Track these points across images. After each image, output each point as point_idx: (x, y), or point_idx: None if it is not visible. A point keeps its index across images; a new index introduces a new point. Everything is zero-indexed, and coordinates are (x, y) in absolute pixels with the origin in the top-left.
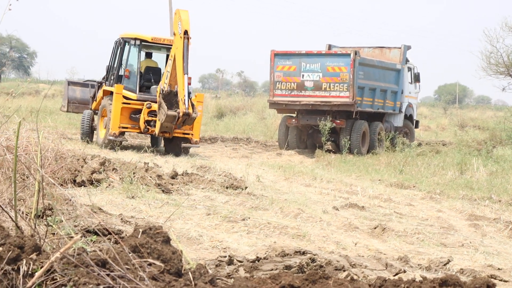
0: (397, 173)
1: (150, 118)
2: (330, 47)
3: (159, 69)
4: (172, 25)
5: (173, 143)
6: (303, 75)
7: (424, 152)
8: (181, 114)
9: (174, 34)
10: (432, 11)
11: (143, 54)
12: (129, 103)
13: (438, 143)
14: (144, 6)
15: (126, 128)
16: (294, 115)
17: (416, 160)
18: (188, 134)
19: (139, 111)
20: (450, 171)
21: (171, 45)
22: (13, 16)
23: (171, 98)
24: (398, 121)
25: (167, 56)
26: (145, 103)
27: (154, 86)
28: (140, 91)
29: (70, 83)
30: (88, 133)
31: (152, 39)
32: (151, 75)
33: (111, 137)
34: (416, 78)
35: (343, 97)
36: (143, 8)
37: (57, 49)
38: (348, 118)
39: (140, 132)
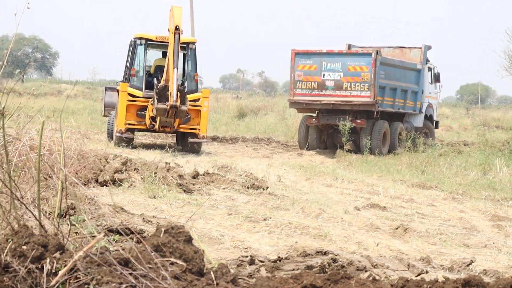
0: (419, 173)
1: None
2: (350, 46)
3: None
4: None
5: (184, 139)
6: (323, 75)
7: (446, 152)
8: (168, 107)
9: (168, 30)
10: (455, 10)
11: (159, 53)
12: (135, 101)
13: (460, 143)
14: (166, 6)
15: (133, 124)
16: (314, 114)
17: (438, 161)
18: (195, 129)
19: (145, 108)
20: (473, 171)
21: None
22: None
23: (165, 93)
24: (418, 121)
25: (165, 53)
26: (150, 100)
27: None
28: (147, 88)
29: (108, 88)
30: (112, 133)
31: (156, 38)
32: (157, 74)
33: (118, 134)
34: (436, 78)
35: (364, 96)
36: (165, 9)
37: (79, 50)
38: (368, 118)
39: (146, 129)
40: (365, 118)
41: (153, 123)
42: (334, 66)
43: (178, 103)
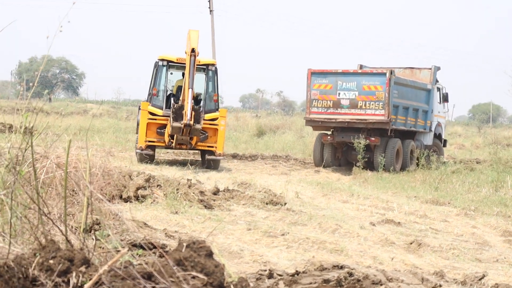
0: (433, 190)
1: None
2: (361, 67)
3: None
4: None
5: (202, 156)
6: (339, 93)
7: (459, 170)
8: (182, 125)
9: (185, 52)
10: (466, 32)
11: (180, 74)
12: (155, 119)
13: (472, 161)
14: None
15: (153, 142)
16: (329, 132)
17: (451, 178)
18: (212, 147)
19: (165, 126)
20: (485, 188)
21: (197, 65)
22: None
23: (181, 112)
24: (428, 139)
25: (184, 74)
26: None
27: None
28: (167, 107)
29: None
30: None
31: (177, 60)
32: (179, 94)
33: (138, 151)
34: (445, 98)
35: (379, 115)
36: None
37: (104, 70)
38: (382, 136)
39: (166, 146)
40: (379, 136)
41: (171, 140)
42: (350, 85)
43: (191, 122)
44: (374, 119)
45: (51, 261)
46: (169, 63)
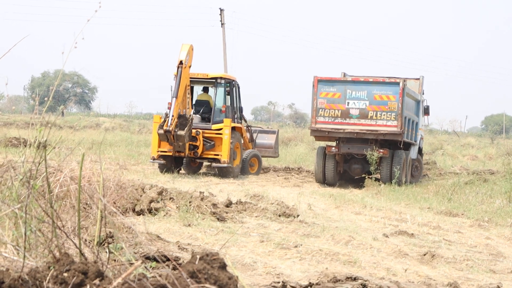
0: (446, 201)
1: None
2: (344, 74)
3: (207, 102)
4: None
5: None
6: (348, 103)
7: (472, 181)
8: (163, 131)
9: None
10: (479, 43)
11: (200, 88)
12: None
13: (485, 172)
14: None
15: (164, 152)
16: (331, 143)
17: (464, 189)
18: (218, 155)
19: None
20: (498, 199)
21: (205, 78)
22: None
23: (182, 121)
24: (414, 153)
25: (205, 88)
26: None
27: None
28: None
29: None
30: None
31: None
32: (197, 107)
33: (151, 161)
34: (426, 111)
35: (391, 126)
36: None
37: (117, 84)
38: (389, 148)
39: (175, 157)
40: (387, 147)
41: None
42: (360, 94)
43: (171, 128)
44: (386, 130)
45: (65, 274)
46: None
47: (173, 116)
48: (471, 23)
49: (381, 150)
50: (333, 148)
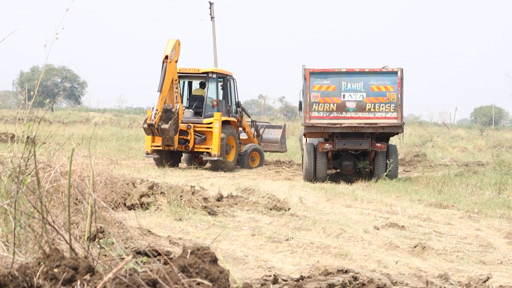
0: (436, 193)
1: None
2: (304, 67)
3: (201, 96)
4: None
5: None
6: (343, 95)
7: (462, 173)
8: (146, 125)
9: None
10: (468, 36)
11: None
12: None
13: (475, 164)
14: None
15: (158, 146)
16: (320, 139)
17: (454, 181)
18: (208, 148)
19: None
20: (488, 190)
21: (195, 73)
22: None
23: (169, 115)
24: None
25: (202, 83)
26: None
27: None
28: None
29: None
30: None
31: (179, 70)
32: (191, 102)
33: (145, 155)
34: None
35: (390, 118)
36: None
37: (106, 79)
38: (386, 142)
39: (169, 151)
40: (385, 141)
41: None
42: (356, 86)
43: (155, 122)
44: (385, 122)
45: (55, 270)
46: None
47: (157, 110)
48: (461, 15)
49: (378, 145)
50: (327, 144)
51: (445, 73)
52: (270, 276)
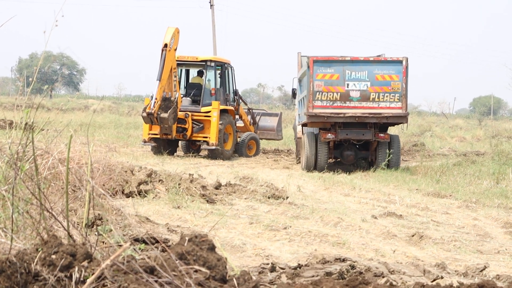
0: (434, 182)
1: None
2: (299, 55)
3: (199, 85)
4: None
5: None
6: (347, 84)
7: (460, 162)
8: (146, 114)
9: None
10: (467, 26)
11: (195, 71)
12: None
13: (473, 154)
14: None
15: (156, 134)
16: (318, 128)
17: (452, 170)
18: (206, 137)
19: None
20: (486, 180)
21: (193, 61)
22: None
23: (167, 103)
24: None
25: (200, 71)
26: None
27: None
28: None
29: None
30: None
31: (177, 58)
32: (189, 90)
33: (142, 143)
34: None
35: (395, 108)
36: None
37: (105, 66)
38: (385, 131)
39: (167, 139)
40: (384, 131)
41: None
42: (360, 75)
43: (154, 111)
44: (390, 112)
45: (53, 256)
46: None
47: (156, 99)
48: (460, 6)
49: (381, 135)
50: (329, 135)
51: (445, 63)
52: (268, 264)
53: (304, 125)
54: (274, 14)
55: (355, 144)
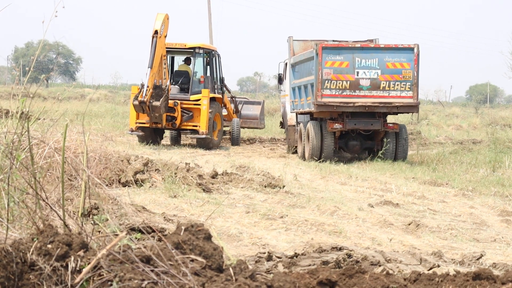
0: (430, 171)
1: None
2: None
3: (187, 72)
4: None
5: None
6: (357, 72)
7: (457, 151)
8: (138, 102)
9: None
10: (463, 13)
11: (181, 59)
12: None
13: (469, 142)
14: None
15: (143, 123)
16: (327, 117)
17: (449, 159)
18: (196, 126)
19: None
20: (482, 168)
21: (183, 48)
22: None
23: (158, 91)
24: None
25: (187, 59)
26: None
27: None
28: None
29: None
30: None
31: (165, 45)
32: (176, 78)
33: (129, 132)
34: None
35: (406, 97)
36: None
37: (101, 55)
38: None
39: (155, 128)
40: (397, 121)
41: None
42: (370, 62)
43: (146, 99)
44: (401, 101)
45: (49, 246)
46: None
47: (148, 87)
48: None
49: (390, 125)
50: (337, 124)
51: (441, 50)
52: (264, 253)
53: (309, 114)
54: (271, 2)
55: (361, 133)
